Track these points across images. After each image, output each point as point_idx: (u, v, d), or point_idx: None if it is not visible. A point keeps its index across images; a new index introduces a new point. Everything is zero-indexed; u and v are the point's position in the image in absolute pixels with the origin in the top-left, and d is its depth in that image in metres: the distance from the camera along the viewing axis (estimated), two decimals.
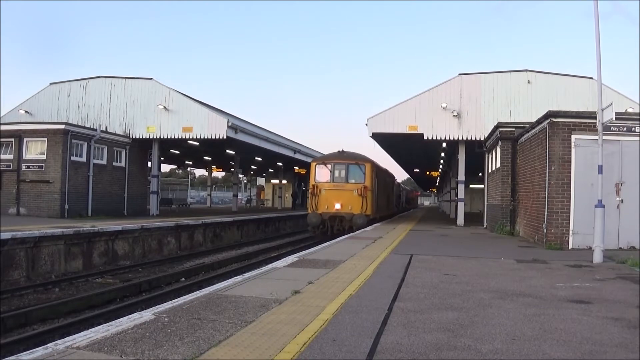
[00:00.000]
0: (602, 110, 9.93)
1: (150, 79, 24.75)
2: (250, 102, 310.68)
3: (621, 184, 11.95)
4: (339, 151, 21.47)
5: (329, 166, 20.75)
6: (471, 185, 42.01)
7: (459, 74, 22.91)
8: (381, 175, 26.03)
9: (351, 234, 16.52)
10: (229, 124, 23.35)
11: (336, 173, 20.66)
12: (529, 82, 22.36)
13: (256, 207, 51.44)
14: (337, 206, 20.16)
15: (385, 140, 27.58)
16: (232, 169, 41.26)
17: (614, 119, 9.87)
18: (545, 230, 12.48)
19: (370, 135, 23.48)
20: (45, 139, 20.81)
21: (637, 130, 11.89)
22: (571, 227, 12.02)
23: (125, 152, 24.74)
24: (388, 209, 30.79)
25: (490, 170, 21.65)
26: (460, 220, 23.79)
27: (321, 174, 20.88)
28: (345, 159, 20.97)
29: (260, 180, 64.91)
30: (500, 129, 18.22)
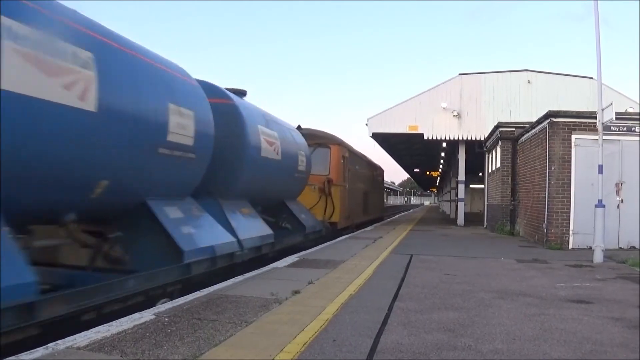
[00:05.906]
0: (602, 110, 9.93)
1: None
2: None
3: (621, 184, 11.95)
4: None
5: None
6: (471, 185, 42.05)
7: (459, 74, 22.90)
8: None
9: (351, 234, 16.50)
10: None
11: None
12: (529, 82, 22.36)
13: None
14: None
15: (385, 141, 27.62)
16: None
17: (614, 118, 9.87)
18: (545, 230, 12.48)
19: (371, 135, 23.49)
20: None
21: (637, 130, 11.89)
22: (571, 227, 12.02)
23: None
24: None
25: (490, 170, 21.65)
26: (461, 220, 23.79)
27: None
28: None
29: None
30: (501, 129, 18.23)
